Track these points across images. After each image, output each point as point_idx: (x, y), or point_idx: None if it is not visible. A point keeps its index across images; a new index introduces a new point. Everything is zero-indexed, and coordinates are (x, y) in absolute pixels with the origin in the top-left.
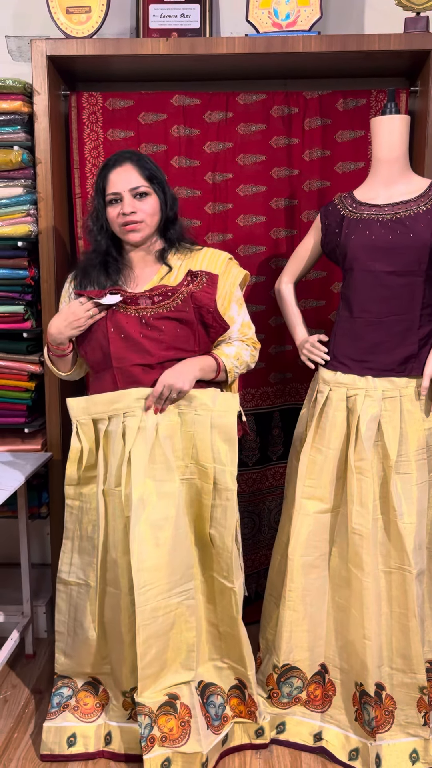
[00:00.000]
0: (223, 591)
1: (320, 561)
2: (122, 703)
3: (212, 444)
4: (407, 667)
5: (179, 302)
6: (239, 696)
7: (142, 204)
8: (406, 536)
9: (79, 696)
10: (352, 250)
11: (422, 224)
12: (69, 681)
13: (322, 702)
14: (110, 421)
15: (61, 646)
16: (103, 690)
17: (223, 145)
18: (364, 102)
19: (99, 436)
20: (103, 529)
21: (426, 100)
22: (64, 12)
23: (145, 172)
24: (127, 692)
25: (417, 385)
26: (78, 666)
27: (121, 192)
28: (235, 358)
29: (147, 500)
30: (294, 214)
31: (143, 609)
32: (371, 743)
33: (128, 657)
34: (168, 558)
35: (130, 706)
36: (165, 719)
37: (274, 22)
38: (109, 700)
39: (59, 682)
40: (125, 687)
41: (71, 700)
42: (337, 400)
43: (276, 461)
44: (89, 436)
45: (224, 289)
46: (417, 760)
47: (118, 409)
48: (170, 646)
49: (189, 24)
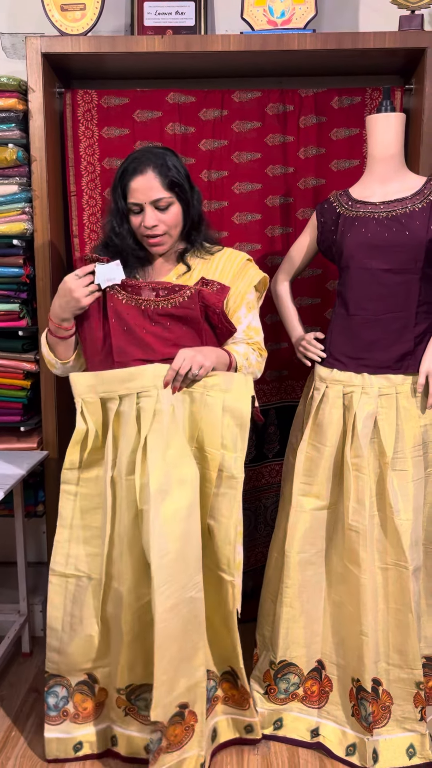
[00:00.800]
0: (221, 584)
1: (317, 558)
2: (116, 700)
3: (222, 428)
4: (404, 662)
5: (185, 299)
6: (231, 681)
7: (164, 216)
8: (402, 533)
9: (76, 700)
10: (348, 247)
11: (418, 222)
12: (62, 680)
13: (319, 698)
14: (122, 401)
15: (54, 644)
16: (100, 689)
17: (219, 142)
18: (359, 100)
19: (108, 417)
20: (110, 519)
21: (421, 98)
22: (58, 9)
23: (167, 180)
24: (122, 689)
25: (413, 382)
26: (73, 664)
27: (142, 203)
28: (244, 357)
29: (166, 491)
30: (289, 211)
31: (162, 608)
32: (368, 738)
33: (125, 655)
34: (185, 549)
35: (124, 703)
36: (173, 728)
37: (269, 19)
38: (108, 696)
39: (51, 681)
40: (120, 684)
41: (68, 705)
42: (334, 398)
43: (272, 459)
44: (96, 417)
45: (237, 288)
46: (414, 755)
47: (132, 388)
48: (183, 646)
49: (184, 21)
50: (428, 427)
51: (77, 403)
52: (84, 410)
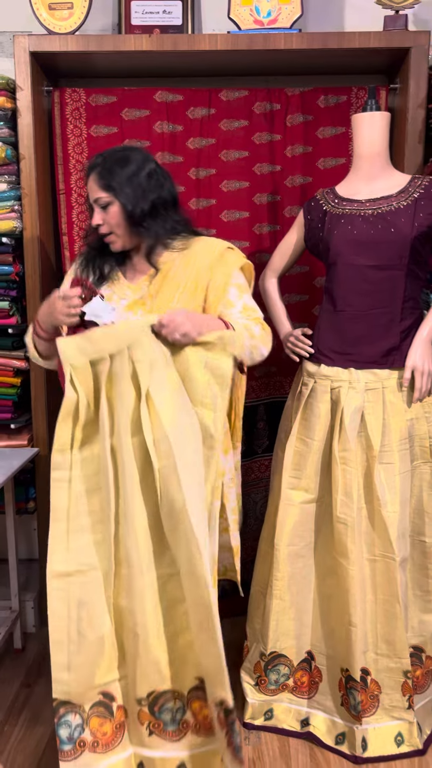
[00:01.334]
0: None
1: (306, 550)
2: (138, 716)
3: (203, 387)
4: (392, 652)
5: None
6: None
7: (106, 215)
8: (389, 525)
9: (93, 726)
10: (335, 244)
11: (403, 219)
12: (74, 706)
13: (308, 688)
14: (113, 361)
15: (61, 660)
16: (119, 707)
17: (206, 141)
18: (345, 99)
19: (100, 382)
20: (113, 495)
21: (405, 97)
22: (46, 8)
23: (102, 180)
24: (142, 699)
25: (399, 376)
26: (85, 679)
27: (92, 203)
28: (245, 328)
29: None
30: (277, 209)
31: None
32: (357, 727)
33: (145, 655)
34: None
35: (147, 718)
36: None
37: (255, 19)
38: (128, 715)
39: (61, 710)
40: (140, 693)
41: (85, 733)
42: (322, 392)
43: (261, 454)
44: (87, 385)
45: (217, 279)
46: (402, 743)
47: (123, 342)
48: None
49: (171, 21)
50: (414, 421)
51: (66, 372)
52: (73, 377)
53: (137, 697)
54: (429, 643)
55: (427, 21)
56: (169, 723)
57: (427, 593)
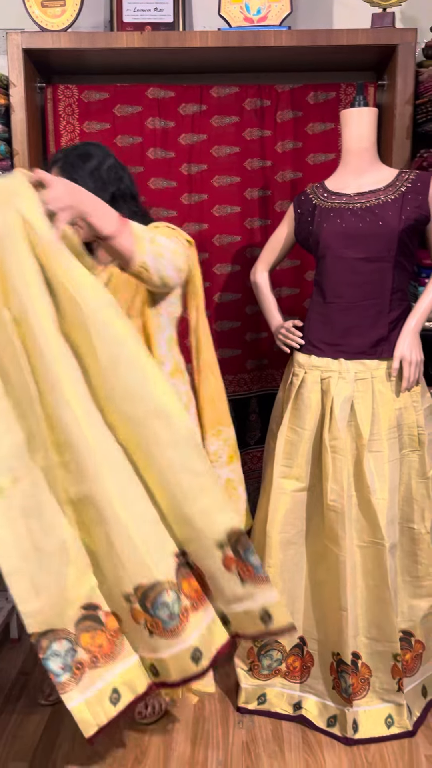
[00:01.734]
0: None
1: (297, 537)
2: (131, 615)
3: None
4: (382, 636)
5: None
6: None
7: None
8: (379, 511)
9: (84, 642)
10: (325, 237)
11: (390, 212)
12: (56, 633)
13: (300, 673)
14: None
15: (25, 587)
16: (107, 614)
17: (198, 137)
18: (334, 95)
19: None
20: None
21: (393, 93)
22: (39, 5)
23: (65, 174)
24: (130, 595)
25: (388, 366)
26: (59, 598)
27: None
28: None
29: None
30: (267, 204)
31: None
32: (348, 710)
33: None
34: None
35: (142, 615)
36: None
37: (245, 16)
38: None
39: (43, 641)
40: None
41: (78, 653)
42: (312, 383)
43: (253, 446)
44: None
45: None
46: (392, 725)
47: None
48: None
49: (162, 18)
50: (403, 410)
51: None
52: None
53: (124, 593)
54: (418, 628)
55: (414, 18)
56: (168, 620)
57: (416, 579)
